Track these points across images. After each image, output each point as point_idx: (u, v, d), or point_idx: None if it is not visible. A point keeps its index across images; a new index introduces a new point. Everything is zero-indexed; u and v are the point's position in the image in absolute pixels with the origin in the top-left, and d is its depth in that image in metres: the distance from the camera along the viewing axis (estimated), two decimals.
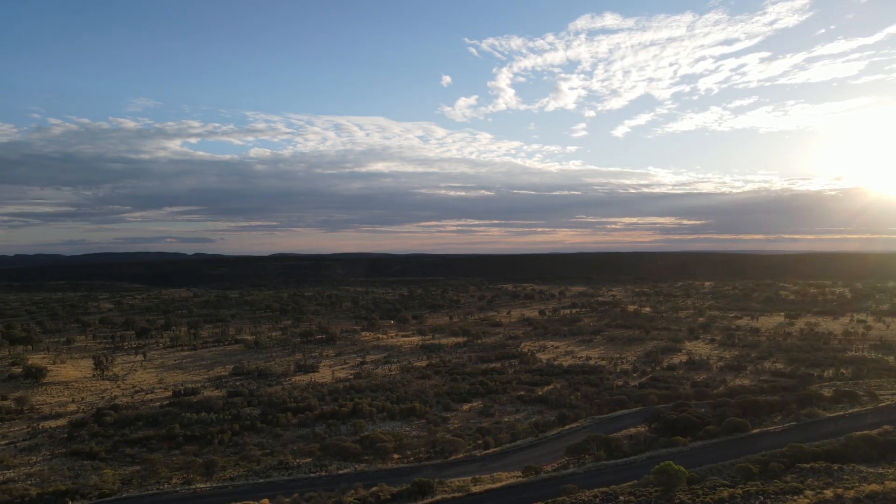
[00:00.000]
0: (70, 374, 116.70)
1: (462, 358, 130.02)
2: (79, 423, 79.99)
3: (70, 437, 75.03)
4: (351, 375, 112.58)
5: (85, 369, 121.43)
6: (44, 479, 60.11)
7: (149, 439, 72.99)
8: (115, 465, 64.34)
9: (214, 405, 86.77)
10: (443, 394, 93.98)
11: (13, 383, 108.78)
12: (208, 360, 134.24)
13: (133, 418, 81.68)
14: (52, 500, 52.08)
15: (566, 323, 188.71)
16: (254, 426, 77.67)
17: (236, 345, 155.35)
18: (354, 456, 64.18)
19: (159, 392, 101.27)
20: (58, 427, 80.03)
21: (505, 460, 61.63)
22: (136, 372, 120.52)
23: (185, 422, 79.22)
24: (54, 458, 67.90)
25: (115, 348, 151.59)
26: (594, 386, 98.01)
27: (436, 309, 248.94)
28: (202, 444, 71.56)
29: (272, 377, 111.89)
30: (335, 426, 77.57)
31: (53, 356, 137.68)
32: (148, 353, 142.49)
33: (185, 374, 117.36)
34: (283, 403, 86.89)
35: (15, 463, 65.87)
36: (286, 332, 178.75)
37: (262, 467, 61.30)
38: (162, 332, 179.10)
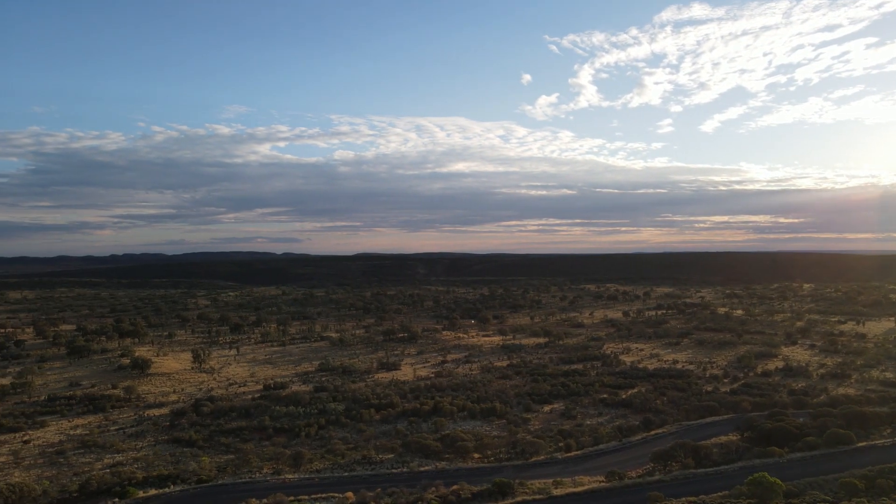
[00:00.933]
0: (171, 366, 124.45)
1: (543, 359, 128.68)
2: (179, 413, 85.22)
3: (172, 425, 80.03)
4: (432, 374, 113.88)
5: (185, 362, 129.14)
6: (149, 463, 64.44)
7: (242, 430, 76.70)
8: (212, 453, 68.05)
9: (302, 399, 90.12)
10: (523, 394, 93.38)
11: (122, 373, 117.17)
12: (296, 355, 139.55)
13: (227, 409, 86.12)
14: (156, 483, 55.75)
15: (651, 325, 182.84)
16: (338, 421, 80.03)
17: (322, 342, 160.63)
18: (435, 454, 64.87)
19: (251, 385, 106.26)
20: (161, 415, 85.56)
21: (587, 464, 60.50)
22: (230, 365, 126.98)
23: (275, 414, 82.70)
24: (158, 444, 72.65)
25: (212, 343, 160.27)
26: (681, 391, 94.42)
27: (516, 309, 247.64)
28: (290, 436, 74.51)
29: (356, 374, 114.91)
30: (416, 424, 78.69)
31: (157, 349, 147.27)
32: (241, 348, 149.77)
33: (274, 369, 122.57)
34: (367, 400, 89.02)
35: (124, 447, 70.95)
36: (369, 330, 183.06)
37: (346, 461, 63.07)
38: (253, 328, 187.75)
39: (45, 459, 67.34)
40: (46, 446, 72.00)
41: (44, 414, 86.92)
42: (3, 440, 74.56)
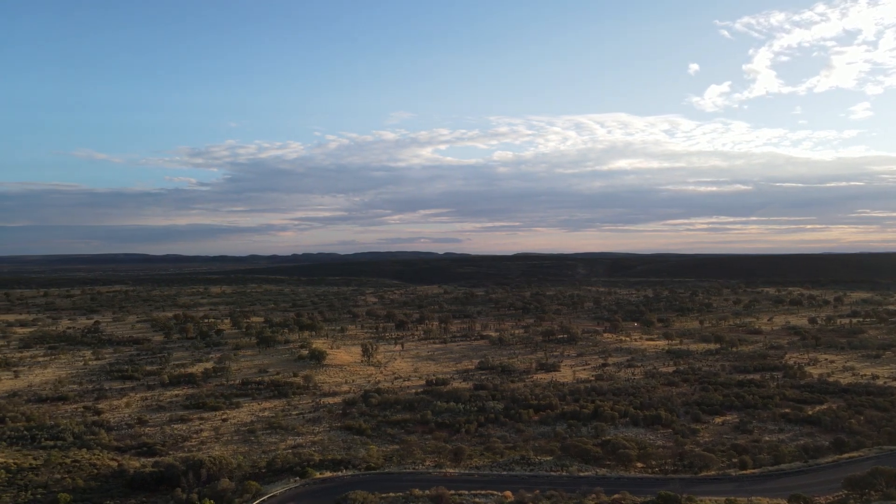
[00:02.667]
0: (343, 359, 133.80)
1: (714, 366, 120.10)
2: (350, 402, 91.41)
3: (344, 414, 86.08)
4: (592, 377, 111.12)
5: (355, 355, 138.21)
6: (324, 447, 69.85)
7: (406, 422, 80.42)
8: (379, 442, 72.13)
9: (462, 396, 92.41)
10: (691, 403, 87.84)
11: (301, 363, 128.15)
12: (457, 353, 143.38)
13: (393, 402, 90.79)
14: (330, 466, 60.29)
15: (844, 334, 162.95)
16: (497, 419, 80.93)
17: (482, 340, 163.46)
18: (595, 459, 63.23)
19: (414, 380, 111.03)
20: (334, 404, 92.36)
21: (765, 484, 55.45)
22: (396, 360, 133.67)
23: (437, 409, 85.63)
24: (332, 430, 78.52)
25: (379, 338, 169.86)
26: (883, 410, 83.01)
27: (684, 312, 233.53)
28: (451, 431, 76.72)
29: (515, 373, 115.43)
30: (576, 427, 77.24)
31: (331, 342, 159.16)
32: (405, 344, 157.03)
33: (436, 366, 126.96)
34: (525, 400, 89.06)
35: (303, 431, 77.61)
36: (528, 329, 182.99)
37: (505, 460, 63.59)
38: (417, 326, 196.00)
39: (240, 437, 75.71)
40: (240, 425, 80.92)
41: (238, 396, 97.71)
42: (206, 417, 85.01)
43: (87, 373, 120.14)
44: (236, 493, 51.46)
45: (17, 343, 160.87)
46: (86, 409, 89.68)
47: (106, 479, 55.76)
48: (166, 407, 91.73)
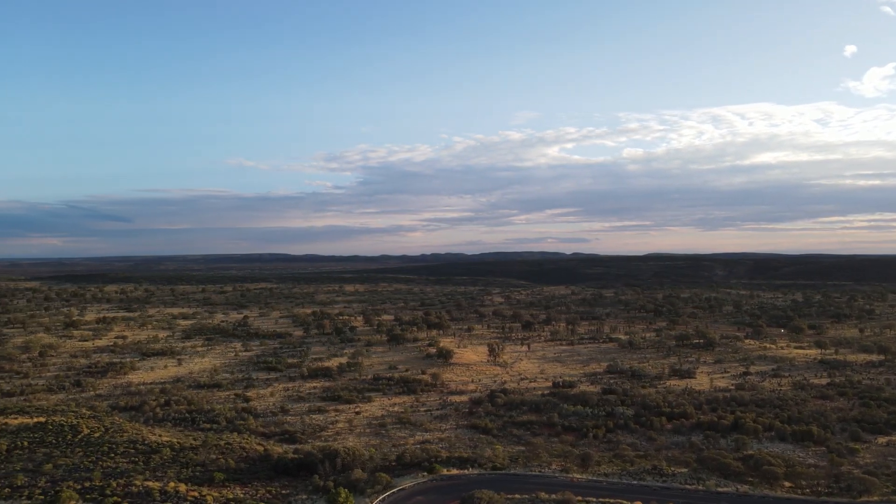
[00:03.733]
0: (470, 358, 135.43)
1: (878, 380, 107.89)
2: (477, 401, 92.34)
3: (470, 412, 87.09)
4: (732, 385, 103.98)
5: (481, 354, 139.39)
6: (451, 444, 71.08)
7: (532, 423, 79.82)
8: (505, 442, 72.18)
9: (590, 400, 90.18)
10: (850, 420, 79.50)
11: (429, 361, 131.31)
12: (584, 355, 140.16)
13: (519, 402, 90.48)
14: (457, 463, 61.25)
15: None
16: (627, 426, 78.08)
17: (610, 343, 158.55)
18: (735, 475, 59.06)
19: (541, 381, 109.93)
20: (461, 402, 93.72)
21: None
22: (521, 361, 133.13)
23: (563, 412, 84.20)
24: (458, 428, 79.73)
25: (505, 338, 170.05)
26: None
27: (840, 318, 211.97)
28: (578, 435, 75.10)
29: (646, 378, 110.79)
30: (713, 438, 72.63)
31: (458, 341, 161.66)
32: (531, 345, 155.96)
33: (562, 367, 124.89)
34: (657, 407, 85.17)
35: (431, 427, 79.48)
36: (660, 333, 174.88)
37: (635, 468, 61.21)
38: (543, 326, 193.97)
39: (371, 430, 79.03)
40: (372, 419, 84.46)
41: (370, 391, 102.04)
42: (341, 409, 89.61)
43: (237, 363, 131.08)
44: (368, 483, 53.75)
45: (181, 334, 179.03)
46: (236, 397, 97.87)
47: (254, 461, 60.46)
48: (305, 398, 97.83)
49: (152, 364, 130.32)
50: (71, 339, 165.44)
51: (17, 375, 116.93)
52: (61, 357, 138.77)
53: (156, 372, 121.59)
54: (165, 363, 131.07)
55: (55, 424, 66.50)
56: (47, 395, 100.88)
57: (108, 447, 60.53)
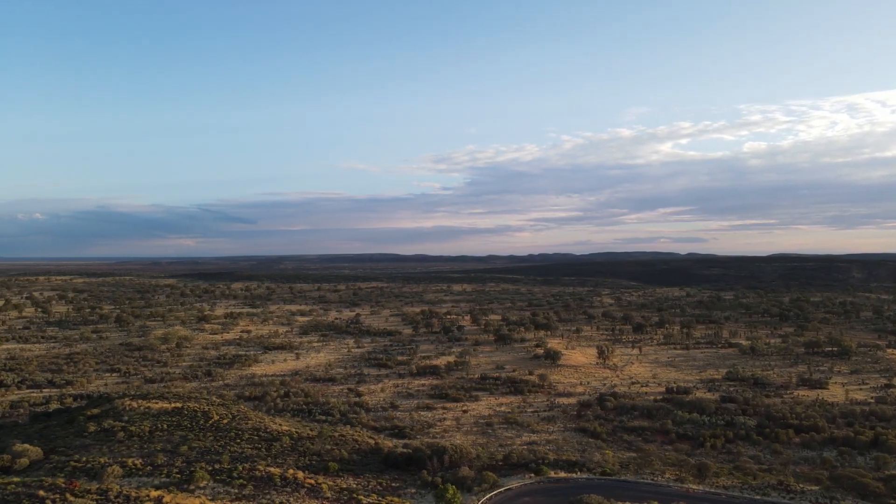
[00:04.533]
0: (578, 359, 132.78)
1: None
2: (585, 404, 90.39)
3: (578, 415, 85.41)
4: (871, 398, 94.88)
5: (590, 356, 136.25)
6: (558, 447, 70.09)
7: (643, 430, 77.00)
8: (614, 448, 70.14)
9: (706, 408, 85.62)
10: None
11: (536, 362, 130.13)
12: (700, 360, 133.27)
13: (629, 407, 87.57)
14: (564, 466, 60.28)
15: None
16: (748, 437, 73.42)
17: (730, 348, 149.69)
18: (876, 496, 53.78)
19: (653, 386, 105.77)
20: (569, 404, 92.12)
21: None
22: (632, 364, 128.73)
23: (678, 419, 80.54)
24: (566, 430, 78.46)
25: (615, 340, 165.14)
26: None
27: None
28: (693, 444, 71.57)
29: (770, 387, 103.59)
30: (849, 455, 66.65)
31: (566, 342, 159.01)
32: (643, 348, 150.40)
33: (677, 372, 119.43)
34: (783, 418, 79.38)
35: (538, 429, 78.78)
36: (787, 339, 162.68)
37: (758, 483, 57.34)
38: (656, 329, 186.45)
39: (478, 428, 79.53)
40: (479, 417, 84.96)
41: (477, 390, 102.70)
42: (449, 407, 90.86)
43: (350, 359, 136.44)
44: (475, 481, 54.13)
45: (298, 330, 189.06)
46: (349, 391, 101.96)
47: (365, 454, 62.68)
48: (414, 395, 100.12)
49: (273, 357, 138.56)
50: (203, 333, 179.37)
51: (157, 364, 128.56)
52: (194, 348, 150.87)
53: (276, 365, 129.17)
54: (285, 357, 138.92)
55: (190, 410, 72.31)
56: (183, 382, 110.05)
57: (235, 433, 65.02)
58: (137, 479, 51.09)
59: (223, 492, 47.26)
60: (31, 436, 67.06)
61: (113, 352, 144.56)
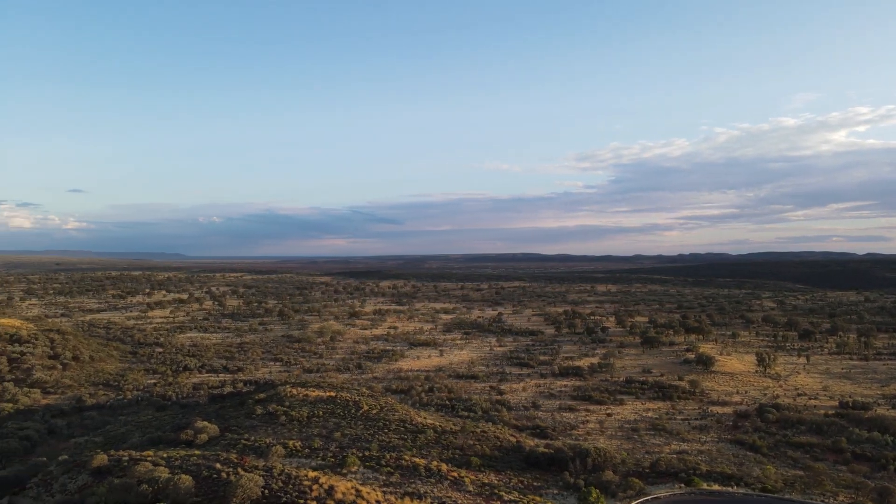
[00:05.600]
0: (734, 367, 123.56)
1: None
2: (743, 415, 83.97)
3: (734, 426, 79.54)
4: None
5: (748, 364, 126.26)
6: (712, 458, 65.76)
7: (812, 446, 70.08)
8: (777, 464, 64.47)
9: (890, 426, 75.95)
10: None
11: (687, 367, 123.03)
12: (882, 373, 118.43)
13: (795, 421, 79.99)
14: (719, 479, 56.42)
15: None
16: None
17: None
18: None
19: (823, 399, 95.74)
20: (723, 414, 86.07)
21: None
22: (798, 374, 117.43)
23: (854, 438, 72.31)
24: (720, 441, 73.38)
25: (777, 347, 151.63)
26: None
27: None
28: (873, 466, 63.89)
29: None
30: None
31: (720, 347, 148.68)
32: (811, 357, 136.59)
33: (852, 386, 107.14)
34: None
35: (688, 437, 74.51)
36: None
37: None
38: (826, 337, 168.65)
39: (623, 433, 76.81)
40: (624, 422, 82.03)
41: (622, 393, 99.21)
42: (592, 410, 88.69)
43: (492, 357, 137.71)
44: (620, 486, 52.32)
45: (442, 327, 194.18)
46: (491, 389, 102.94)
47: (507, 451, 62.96)
48: (556, 395, 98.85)
49: (418, 353, 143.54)
50: (354, 328, 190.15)
51: (314, 356, 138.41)
52: (346, 342, 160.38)
53: (421, 361, 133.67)
54: (429, 353, 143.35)
55: (342, 400, 77.01)
56: (336, 374, 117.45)
57: (383, 423, 68.24)
58: (297, 459, 55.35)
59: (372, 478, 49.78)
60: (210, 415, 75.07)
61: (276, 343, 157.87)
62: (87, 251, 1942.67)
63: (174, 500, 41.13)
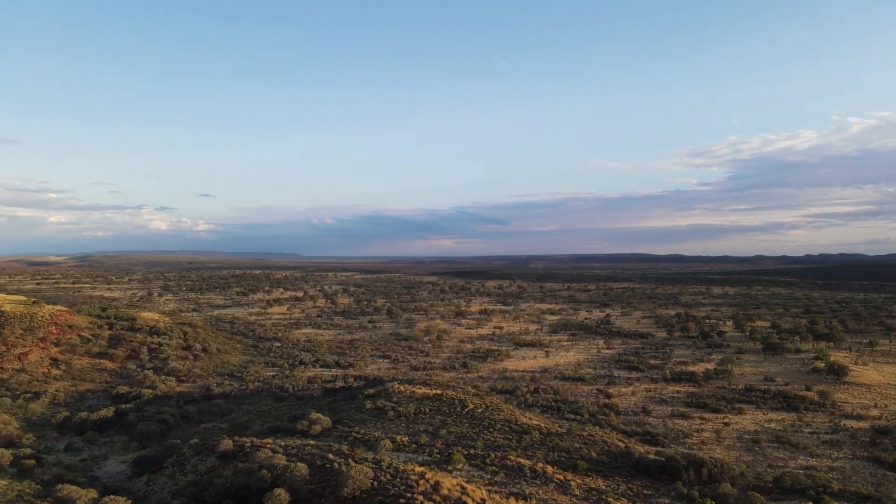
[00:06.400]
0: (871, 378, 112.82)
1: None
2: (881, 430, 76.55)
3: (871, 443, 72.69)
4: None
5: (888, 375, 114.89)
6: (845, 476, 60.50)
7: None
8: None
9: None
10: None
11: (815, 376, 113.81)
12: None
13: None
14: (852, 499, 51.81)
15: None
16: None
17: None
18: None
19: None
20: (859, 429, 78.85)
21: None
22: None
23: None
24: (855, 458, 67.33)
25: None
26: None
27: None
28: None
29: None
30: None
31: (855, 356, 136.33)
32: None
33: None
34: None
35: (817, 453, 68.92)
36: None
37: None
38: None
39: (742, 444, 72.32)
40: (743, 432, 77.21)
41: (741, 402, 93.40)
42: (707, 418, 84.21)
43: (599, 359, 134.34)
44: (739, 500, 49.32)
45: (548, 328, 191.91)
46: (598, 392, 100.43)
47: (614, 456, 61.15)
48: (668, 401, 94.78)
49: (523, 354, 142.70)
50: (459, 327, 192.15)
51: (421, 354, 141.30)
52: (452, 341, 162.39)
53: (526, 361, 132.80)
54: (535, 354, 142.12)
55: (448, 398, 78.04)
56: (442, 372, 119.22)
57: (488, 423, 68.45)
58: (404, 454, 56.76)
59: (477, 476, 50.08)
60: (323, 407, 78.64)
61: (384, 340, 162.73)
62: (215, 251, 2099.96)
63: (290, 486, 43.47)
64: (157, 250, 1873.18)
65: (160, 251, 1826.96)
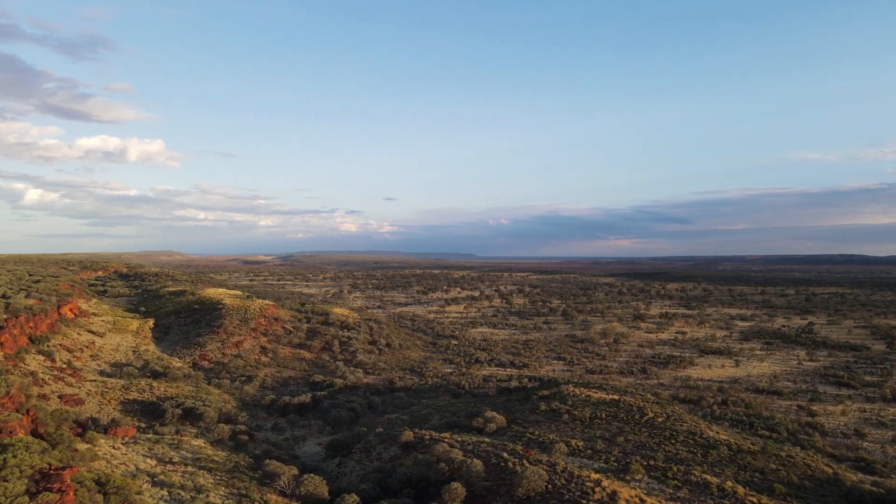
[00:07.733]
0: None
1: None
2: None
3: None
4: None
5: None
6: None
7: None
8: None
9: None
10: None
11: None
12: None
13: None
14: None
15: None
16: None
17: None
18: None
19: None
20: None
21: None
22: None
23: None
24: None
25: None
26: None
27: None
28: None
29: None
30: None
31: None
32: None
33: None
34: None
35: None
36: None
37: None
38: None
39: None
40: None
41: None
42: None
43: (800, 372, 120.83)
44: None
45: (738, 335, 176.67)
46: (799, 409, 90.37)
47: (819, 483, 54.59)
48: (887, 424, 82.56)
49: (709, 362, 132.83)
50: (638, 330, 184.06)
51: (597, 357, 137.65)
52: (630, 345, 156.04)
53: (713, 370, 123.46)
54: (722, 362, 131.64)
55: (626, 404, 75.10)
56: (619, 377, 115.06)
57: (670, 433, 64.71)
58: (578, 459, 55.65)
59: (657, 489, 47.60)
60: (497, 406, 79.84)
61: (559, 342, 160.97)
62: (397, 251, 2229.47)
63: (467, 480, 44.70)
64: (347, 250, 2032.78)
65: (350, 251, 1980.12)
